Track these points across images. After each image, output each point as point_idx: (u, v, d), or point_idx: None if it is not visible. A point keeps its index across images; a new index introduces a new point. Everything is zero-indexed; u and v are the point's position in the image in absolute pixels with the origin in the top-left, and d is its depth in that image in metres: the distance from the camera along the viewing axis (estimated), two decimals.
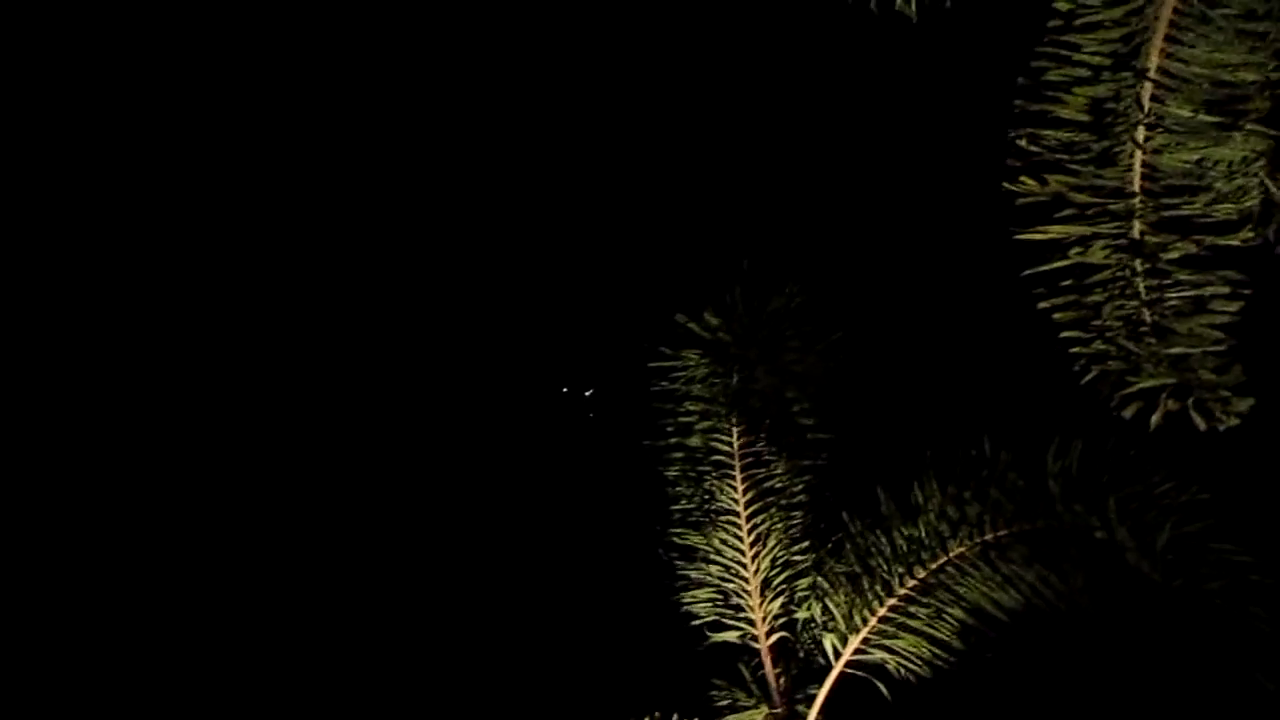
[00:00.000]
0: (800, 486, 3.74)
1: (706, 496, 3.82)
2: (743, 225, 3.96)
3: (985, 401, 4.00)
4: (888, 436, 3.89)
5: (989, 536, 3.33)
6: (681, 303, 3.38)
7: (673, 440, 3.86)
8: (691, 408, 3.75)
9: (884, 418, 3.94)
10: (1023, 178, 2.66)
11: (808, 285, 3.45)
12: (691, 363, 3.74)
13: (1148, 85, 2.65)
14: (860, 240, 4.24)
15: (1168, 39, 2.62)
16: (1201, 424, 2.51)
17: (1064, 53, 2.66)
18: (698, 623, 3.68)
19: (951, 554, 3.37)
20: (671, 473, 3.75)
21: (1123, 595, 3.06)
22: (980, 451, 3.35)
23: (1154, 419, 2.53)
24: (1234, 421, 2.48)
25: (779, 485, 3.71)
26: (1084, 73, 2.67)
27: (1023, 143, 2.64)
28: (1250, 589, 2.97)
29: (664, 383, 3.69)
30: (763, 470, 3.68)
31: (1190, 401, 2.53)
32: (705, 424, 3.78)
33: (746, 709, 3.54)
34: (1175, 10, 2.57)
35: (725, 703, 3.57)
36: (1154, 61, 2.63)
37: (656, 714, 3.27)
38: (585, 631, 3.82)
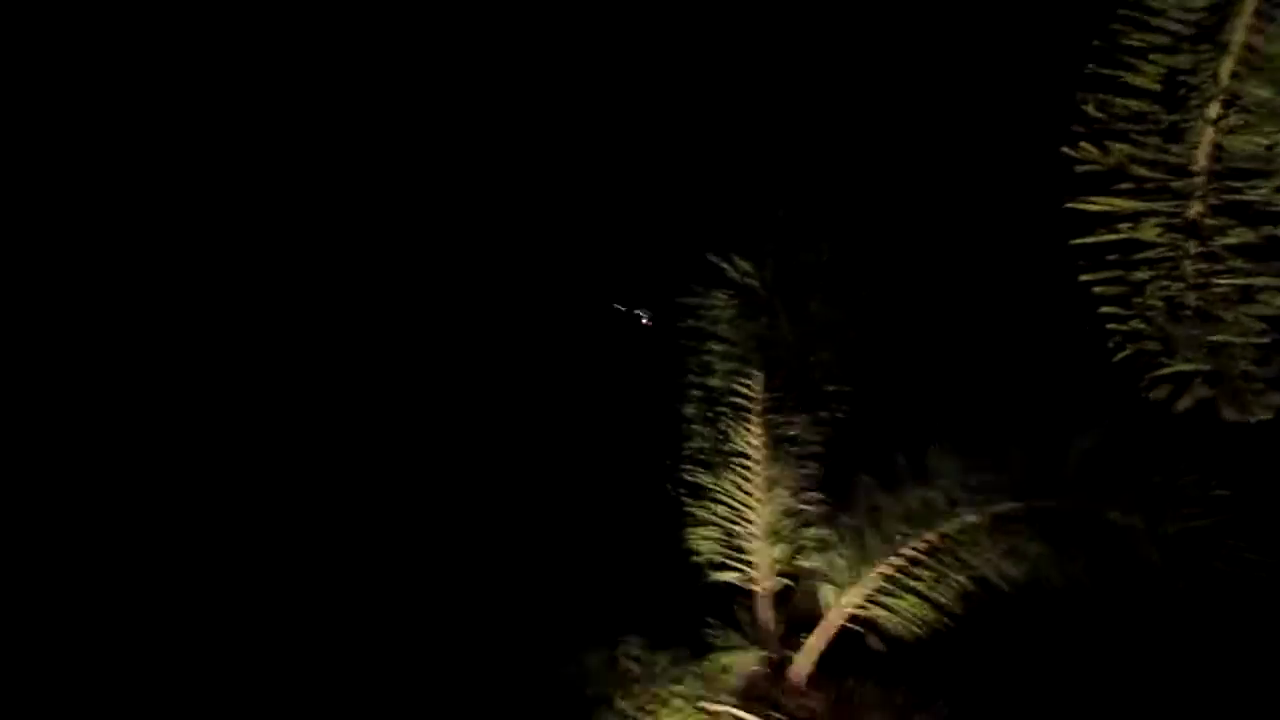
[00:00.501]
0: (817, 437, 3.69)
1: (721, 437, 3.85)
2: (786, 178, 3.86)
3: (1015, 374, 3.89)
4: (911, 398, 3.86)
5: (1002, 508, 3.33)
6: (716, 243, 3.34)
7: (694, 378, 3.81)
8: (715, 348, 3.71)
9: (909, 380, 3.88)
10: (1085, 144, 2.57)
11: (841, 243, 3.36)
12: (720, 304, 3.69)
13: (1229, 60, 2.54)
14: (901, 206, 4.11)
15: (1256, 14, 2.50)
16: (1232, 413, 2.46)
17: (1145, 18, 2.56)
18: (699, 558, 3.62)
19: (963, 520, 3.54)
20: (689, 410, 3.71)
21: (1126, 581, 3.02)
22: (1004, 422, 3.30)
23: (1182, 402, 2.47)
24: (1265, 414, 2.42)
25: (795, 434, 3.67)
26: (1164, 40, 2.56)
27: (1090, 108, 2.55)
28: (1256, 588, 2.94)
29: (691, 320, 3.64)
30: (780, 417, 3.64)
31: (1223, 389, 2.47)
32: (727, 365, 3.73)
33: (738, 650, 3.51)
34: None
35: (718, 641, 3.52)
36: (1239, 37, 2.52)
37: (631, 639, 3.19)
38: (582, 555, 3.82)
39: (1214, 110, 2.60)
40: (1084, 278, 2.70)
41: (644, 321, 3.39)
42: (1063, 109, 2.77)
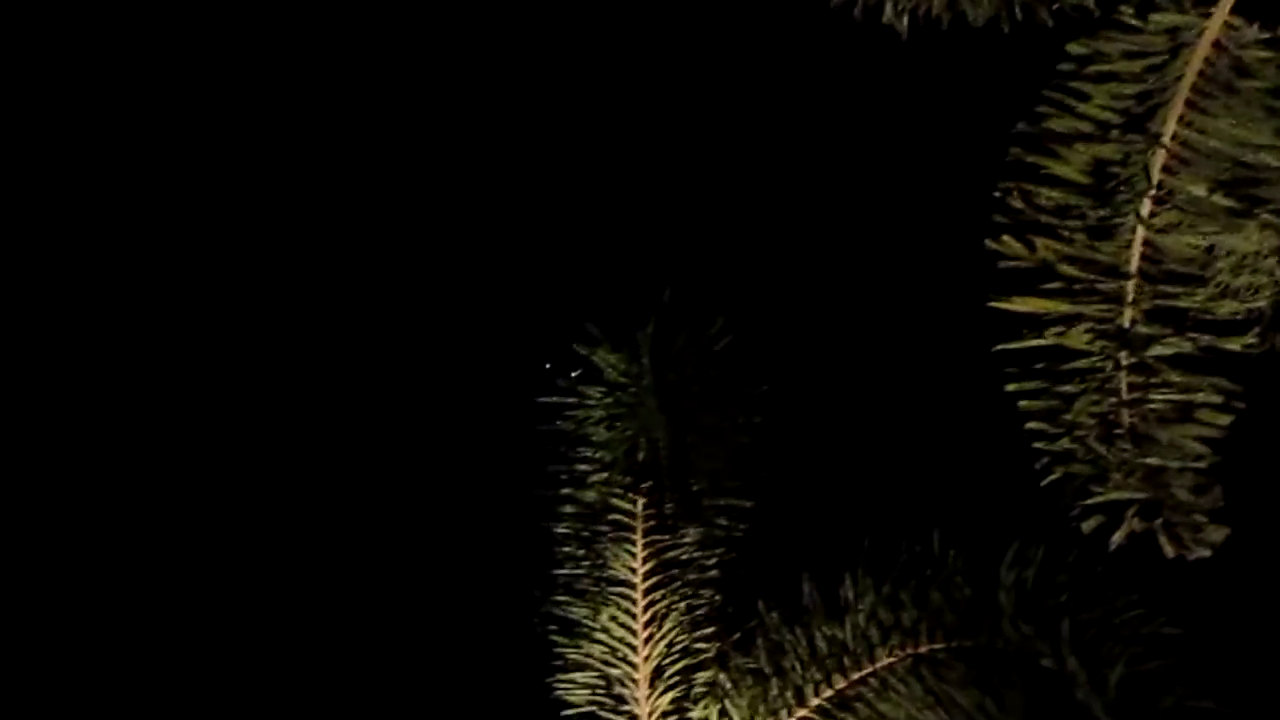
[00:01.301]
0: (712, 561, 3.84)
1: (598, 562, 3.86)
2: (675, 247, 4.42)
3: (939, 488, 4.26)
4: (819, 516, 4.10)
5: (924, 649, 3.54)
6: (585, 328, 3.65)
7: (564, 491, 4.04)
8: (588, 455, 3.94)
9: (817, 493, 4.17)
10: (1006, 237, 2.88)
11: (739, 325, 3.70)
12: (592, 402, 3.92)
13: (1160, 153, 2.88)
14: (814, 279, 4.60)
15: (1188, 104, 2.84)
16: (1169, 550, 2.74)
17: (1071, 102, 2.89)
18: (571, 713, 3.76)
19: (878, 664, 3.56)
20: (560, 530, 3.84)
21: None
22: (926, 548, 3.54)
23: (1116, 537, 2.74)
24: (1204, 552, 2.70)
25: (686, 557, 3.84)
26: (1090, 128, 2.90)
27: (1013, 199, 2.86)
28: None
29: (558, 422, 3.86)
30: (668, 538, 3.82)
31: (1159, 522, 2.75)
32: (603, 476, 3.96)
33: None
34: (1200, 74, 2.80)
35: None
36: (1170, 128, 2.86)
37: None
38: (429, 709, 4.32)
39: (1145, 206, 2.92)
40: (1010, 387, 2.97)
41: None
42: (986, 197, 3.09)
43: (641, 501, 3.89)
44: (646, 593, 3.94)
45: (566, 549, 4.05)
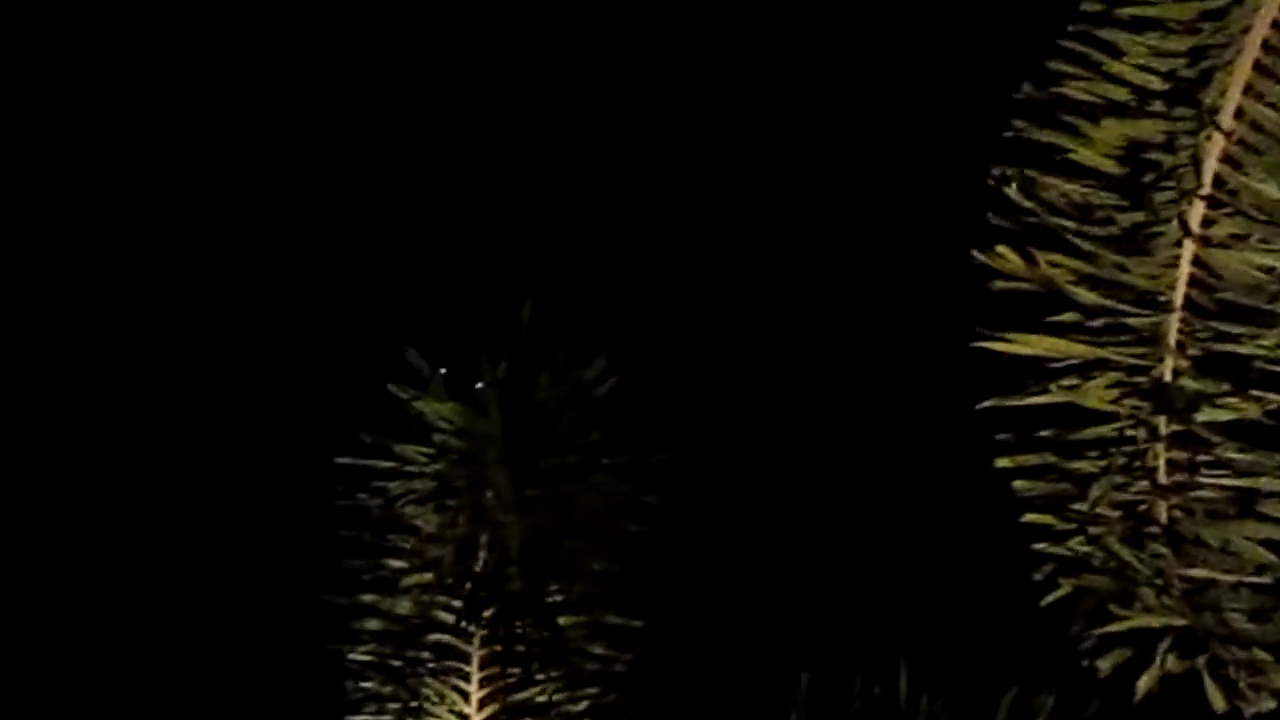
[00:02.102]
0: (581, 707, 3.82)
1: (413, 704, 3.76)
2: (537, 254, 4.80)
3: (907, 598, 4.39)
4: (739, 637, 4.33)
5: None
6: (423, 354, 3.52)
7: (367, 599, 3.73)
8: (406, 548, 3.64)
9: (736, 603, 4.42)
10: (1002, 248, 2.65)
11: (630, 362, 3.59)
12: (413, 469, 3.61)
13: (1217, 137, 2.68)
14: (731, 297, 4.81)
15: (1258, 69, 2.64)
16: (1218, 700, 2.49)
17: (1098, 57, 2.67)
18: None
19: None
20: (359, 655, 3.79)
21: None
22: (890, 689, 3.54)
23: (1143, 681, 2.48)
24: (1267, 704, 2.45)
25: (543, 701, 3.76)
26: (1123, 96, 2.67)
27: (1011, 190, 2.63)
28: None
29: (361, 495, 3.56)
30: (518, 673, 3.68)
31: (1204, 660, 2.50)
32: (425, 579, 3.66)
33: None
34: (1276, 25, 2.60)
35: None
36: (1231, 101, 2.65)
37: None
38: None
39: (1197, 211, 2.70)
40: (1001, 463, 2.76)
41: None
42: (972, 192, 2.98)
43: (480, 619, 3.66)
44: None
45: (369, 683, 3.75)
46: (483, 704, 3.93)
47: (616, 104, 5.03)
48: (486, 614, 3.96)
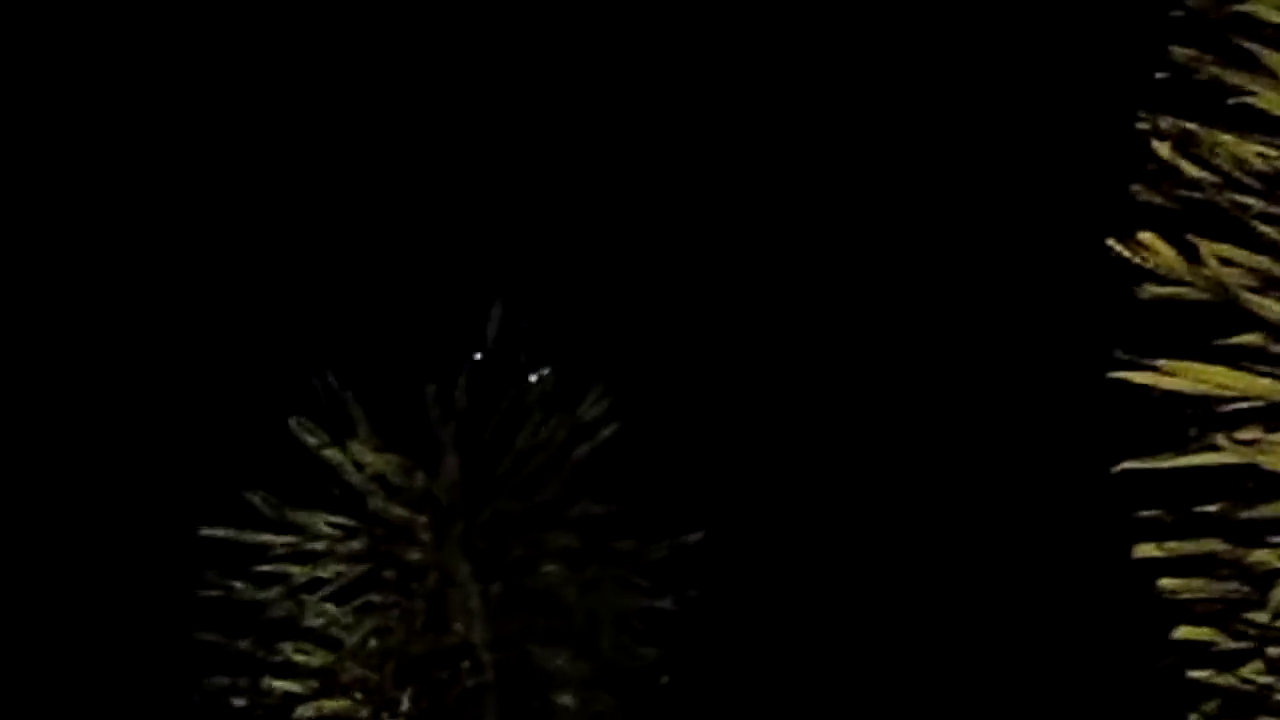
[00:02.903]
0: None
1: None
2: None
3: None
4: None
5: None
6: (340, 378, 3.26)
7: (243, 700, 3.48)
8: (304, 651, 3.39)
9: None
10: (1149, 235, 2.37)
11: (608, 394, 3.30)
12: (327, 546, 3.36)
13: None
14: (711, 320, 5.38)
15: None
16: None
17: None
18: None
19: None
20: None
21: None
22: None
23: None
24: None
25: None
26: None
27: (1164, 148, 2.34)
28: None
29: (239, 585, 3.28)
30: None
31: None
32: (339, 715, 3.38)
33: None
34: None
35: None
36: None
37: None
38: None
39: None
40: (1141, 551, 2.45)
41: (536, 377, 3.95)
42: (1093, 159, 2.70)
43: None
44: None
45: None
46: None
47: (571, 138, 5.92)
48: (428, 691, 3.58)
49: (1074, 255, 2.74)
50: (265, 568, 3.72)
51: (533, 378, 3.82)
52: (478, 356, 4.00)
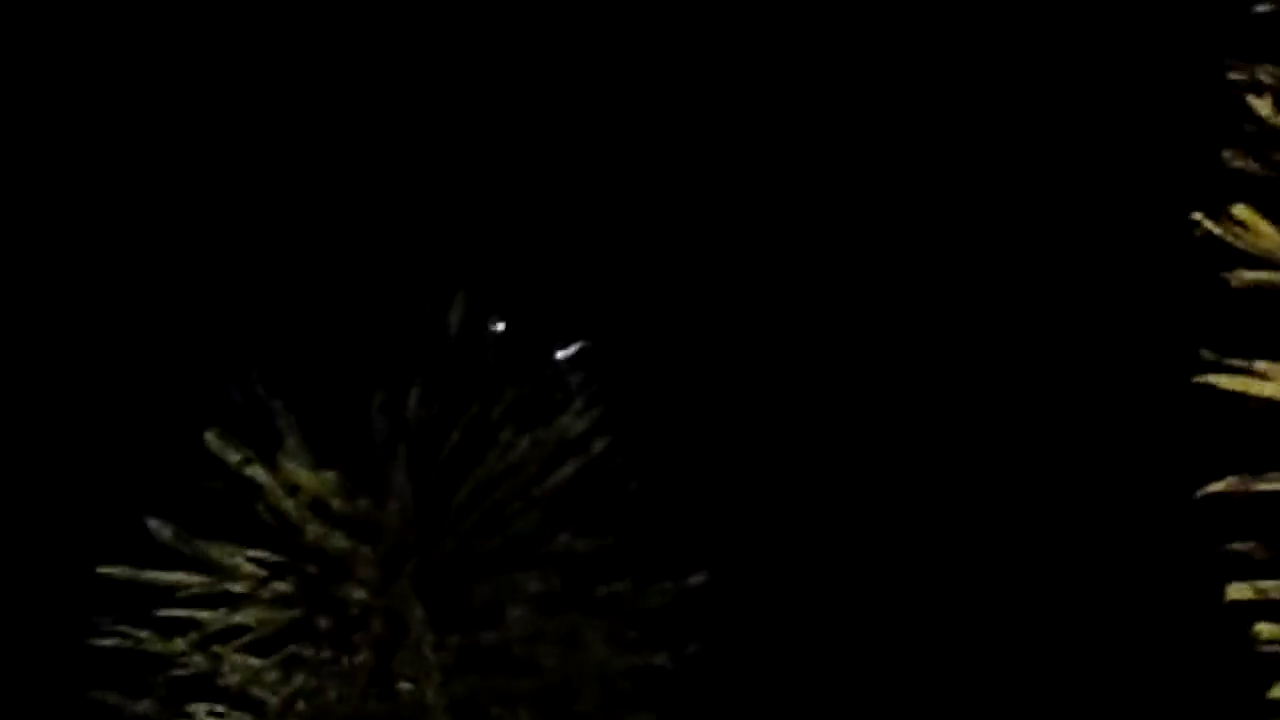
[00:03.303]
0: None
1: None
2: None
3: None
4: None
5: None
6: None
7: None
8: (218, 714, 3.32)
9: None
10: (1243, 208, 2.37)
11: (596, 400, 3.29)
12: (248, 587, 3.27)
13: None
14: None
15: None
16: None
17: None
18: None
19: None
20: None
21: None
22: None
23: None
24: None
25: None
26: None
27: (1262, 103, 2.39)
28: None
29: (144, 635, 3.21)
30: None
31: None
32: None
33: None
34: None
35: None
36: None
37: None
38: None
39: None
40: (1234, 593, 2.43)
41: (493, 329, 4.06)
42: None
43: None
44: None
45: None
46: None
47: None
48: None
49: (1153, 234, 2.65)
50: (172, 612, 3.58)
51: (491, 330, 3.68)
52: (499, 326, 3.87)
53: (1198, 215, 2.40)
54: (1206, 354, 2.40)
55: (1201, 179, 2.46)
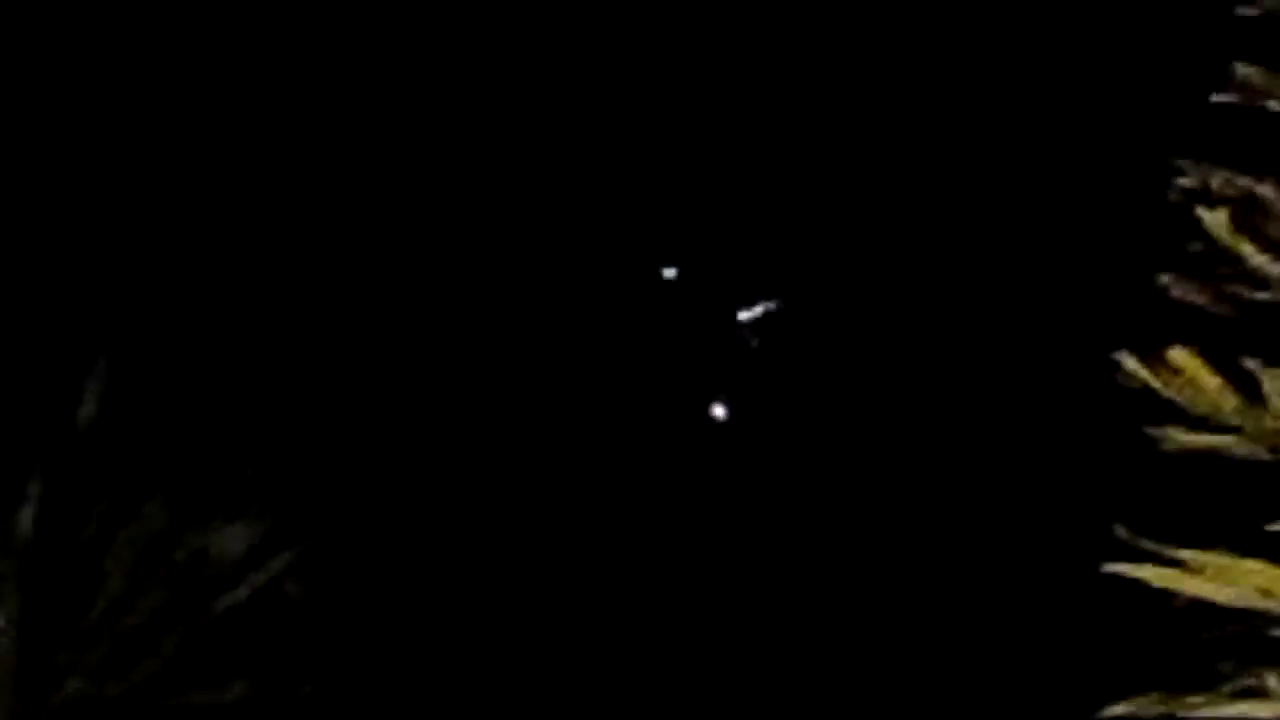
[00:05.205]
0: None
1: None
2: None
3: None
4: None
5: None
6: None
7: None
8: None
9: None
10: (1178, 352, 1.89)
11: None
12: None
13: None
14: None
15: None
16: None
17: None
18: None
19: None
20: None
21: None
22: None
23: None
24: None
25: None
26: None
27: (1216, 218, 2.23)
28: None
29: None
30: None
31: None
32: None
33: None
34: None
35: None
36: None
37: None
38: None
39: None
40: None
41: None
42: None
43: None
44: None
45: None
46: None
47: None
48: None
49: (1068, 378, 2.38)
50: None
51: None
52: (670, 272, 3.70)
53: (1125, 357, 2.05)
54: (1125, 536, 2.10)
55: (1138, 311, 2.07)
